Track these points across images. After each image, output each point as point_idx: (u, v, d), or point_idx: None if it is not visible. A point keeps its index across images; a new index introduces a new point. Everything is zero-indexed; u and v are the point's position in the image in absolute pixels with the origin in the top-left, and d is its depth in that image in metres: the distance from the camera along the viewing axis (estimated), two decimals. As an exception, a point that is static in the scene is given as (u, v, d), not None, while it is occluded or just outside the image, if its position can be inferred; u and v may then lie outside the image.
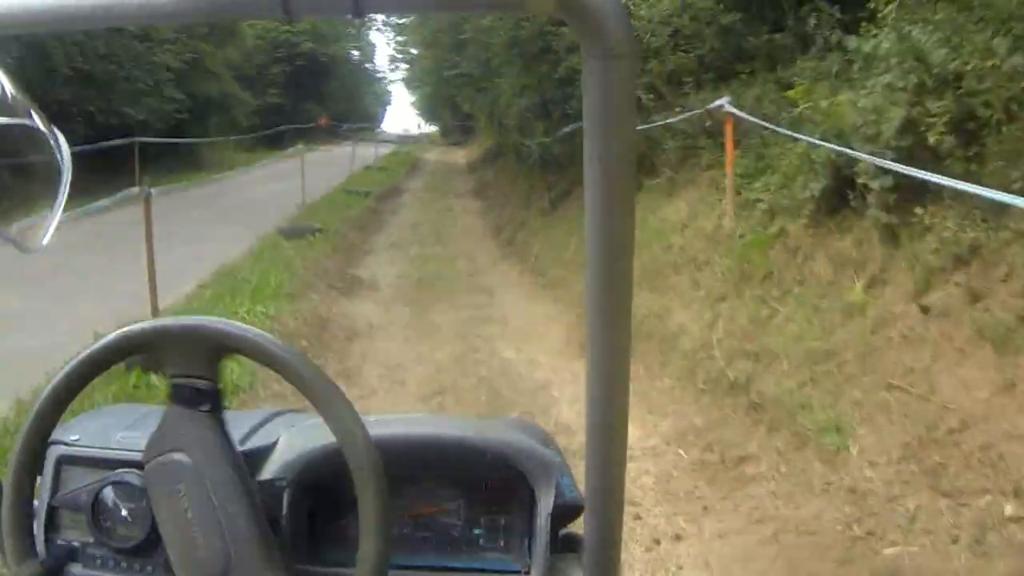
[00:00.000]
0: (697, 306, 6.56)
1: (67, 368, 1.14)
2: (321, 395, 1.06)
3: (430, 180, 25.18)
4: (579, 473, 1.02)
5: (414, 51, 38.89)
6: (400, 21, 36.61)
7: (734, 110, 7.05)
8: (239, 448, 1.19)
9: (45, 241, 0.74)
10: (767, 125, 6.57)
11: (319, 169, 21.75)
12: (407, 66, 48.49)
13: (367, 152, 27.34)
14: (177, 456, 1.13)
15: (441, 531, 1.37)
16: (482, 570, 1.34)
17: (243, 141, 28.12)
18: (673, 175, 8.66)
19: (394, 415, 1.71)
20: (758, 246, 6.34)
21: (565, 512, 1.28)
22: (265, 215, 13.72)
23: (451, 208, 18.54)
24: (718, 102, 7.31)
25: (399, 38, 44.88)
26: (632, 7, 8.76)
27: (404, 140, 51.68)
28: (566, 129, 11.69)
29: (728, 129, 7.09)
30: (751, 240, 6.49)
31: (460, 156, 36.19)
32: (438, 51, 24.00)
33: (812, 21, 7.33)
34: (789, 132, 6.17)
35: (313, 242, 11.73)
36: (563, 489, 1.28)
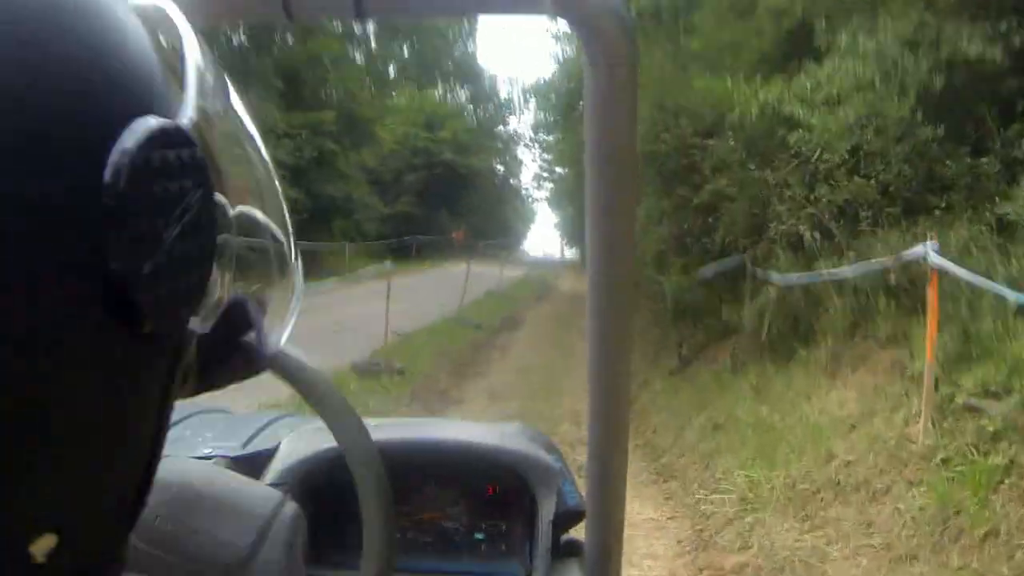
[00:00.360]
0: (869, 561, 4.55)
1: None
2: (322, 399, 0.86)
3: (556, 312, 23.38)
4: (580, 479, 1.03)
5: (559, 170, 38.37)
6: (547, 138, 36.23)
7: (945, 262, 5.09)
8: (241, 452, 1.32)
9: (282, 342, 0.73)
10: (999, 289, 4.67)
11: (434, 289, 20.45)
12: (551, 185, 48.04)
13: (492, 273, 25.84)
14: None
15: (443, 536, 1.40)
16: (484, 575, 1.36)
17: (370, 249, 26.96)
18: (837, 348, 6.72)
19: (396, 419, 1.75)
20: (974, 482, 4.37)
21: (567, 518, 1.30)
22: (354, 343, 12.48)
23: (572, 351, 16.59)
24: (918, 248, 5.44)
25: (545, 155, 44.64)
26: (802, 115, 7.17)
27: (542, 264, 50.12)
28: (706, 270, 9.88)
29: (932, 293, 5.12)
30: (961, 471, 4.53)
31: (598, 286, 34.70)
32: (579, 168, 22.90)
33: None
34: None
35: (389, 385, 10.53)
36: (565, 495, 1.30)
